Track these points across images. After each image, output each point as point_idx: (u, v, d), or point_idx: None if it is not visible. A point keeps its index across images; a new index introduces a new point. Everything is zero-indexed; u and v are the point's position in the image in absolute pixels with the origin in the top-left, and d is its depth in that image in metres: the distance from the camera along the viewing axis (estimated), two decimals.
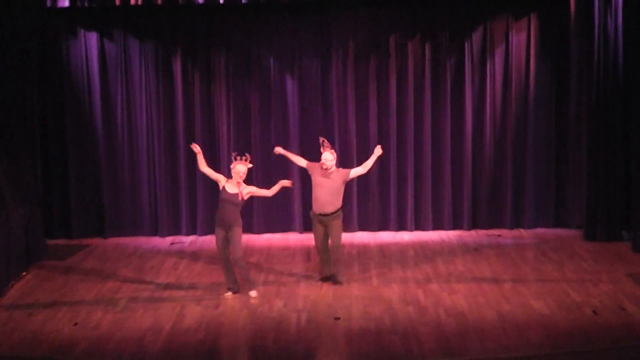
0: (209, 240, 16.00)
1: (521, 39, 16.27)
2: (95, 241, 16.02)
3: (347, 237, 15.98)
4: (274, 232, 16.55)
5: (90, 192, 16.31)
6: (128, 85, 16.26)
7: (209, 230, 16.33)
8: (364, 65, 16.37)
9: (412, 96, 16.31)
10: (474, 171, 16.50)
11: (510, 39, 16.24)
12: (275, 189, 12.80)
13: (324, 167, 12.85)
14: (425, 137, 16.39)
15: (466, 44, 16.26)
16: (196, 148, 12.56)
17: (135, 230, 16.33)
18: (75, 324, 11.36)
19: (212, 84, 16.34)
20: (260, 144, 16.41)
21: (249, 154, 16.22)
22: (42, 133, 15.91)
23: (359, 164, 16.11)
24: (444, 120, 16.36)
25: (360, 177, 16.15)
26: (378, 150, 13.19)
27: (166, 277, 13.61)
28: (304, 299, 12.31)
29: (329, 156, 12.85)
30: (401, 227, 16.59)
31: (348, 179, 13.06)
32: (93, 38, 16.13)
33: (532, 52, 16.24)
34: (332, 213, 12.90)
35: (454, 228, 16.52)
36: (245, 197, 12.53)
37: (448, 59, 16.28)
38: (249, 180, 13.32)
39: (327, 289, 12.78)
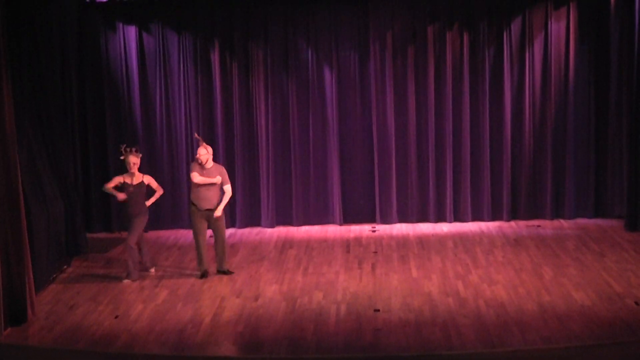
0: (247, 233, 16.11)
1: (560, 28, 16.14)
2: None
3: (386, 229, 16.03)
4: (313, 225, 16.56)
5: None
6: (167, 79, 16.35)
7: (248, 223, 16.46)
8: (402, 56, 16.33)
9: (450, 86, 16.26)
10: (514, 162, 16.41)
11: (549, 27, 16.13)
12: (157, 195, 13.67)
13: (199, 160, 13.14)
14: (464, 128, 16.32)
15: (505, 33, 16.17)
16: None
17: (175, 223, 16.42)
18: (116, 317, 11.47)
19: (250, 76, 16.37)
20: (298, 137, 16.42)
21: (288, 146, 16.39)
22: (81, 128, 16.07)
23: (398, 155, 16.22)
24: (483, 111, 16.30)
25: (399, 167, 16.24)
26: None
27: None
28: (344, 291, 12.32)
29: (202, 151, 13.16)
30: (440, 218, 16.55)
31: (224, 183, 13.28)
32: (132, 31, 16.23)
33: (572, 41, 16.11)
34: (217, 206, 13.22)
35: (494, 219, 16.44)
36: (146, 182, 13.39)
37: (487, 48, 16.21)
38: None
39: (366, 281, 12.79)
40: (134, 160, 13.23)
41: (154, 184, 13.51)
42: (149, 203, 13.47)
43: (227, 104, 16.41)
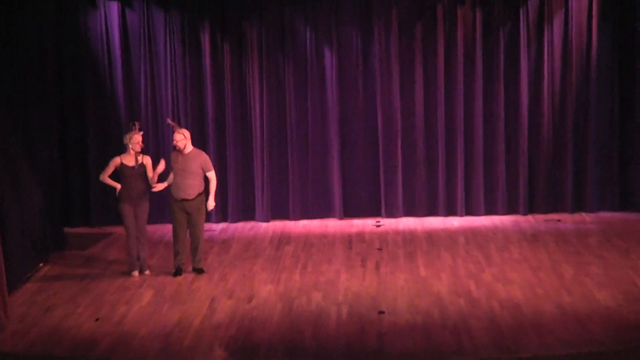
0: (240, 228, 16.13)
1: (582, 4, 16.10)
2: (118, 229, 15.97)
3: (391, 223, 15.99)
4: (312, 219, 16.56)
5: (112, 176, 16.32)
6: (152, 60, 16.32)
7: (241, 217, 16.47)
8: (408, 35, 16.28)
9: (461, 68, 16.23)
10: (531, 150, 16.39)
11: (569, 3, 16.09)
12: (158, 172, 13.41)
13: (177, 147, 13.08)
14: (477, 113, 16.29)
15: (521, 10, 16.14)
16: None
17: (162, 218, 16.34)
18: (97, 320, 11.40)
19: (243, 58, 16.35)
20: (295, 123, 16.38)
21: (284, 133, 16.34)
22: (60, 113, 16.00)
23: (404, 143, 16.16)
24: (497, 95, 16.26)
25: (406, 156, 16.18)
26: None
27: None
28: (345, 291, 12.27)
29: (179, 136, 13.07)
30: (450, 212, 16.53)
31: (206, 170, 13.22)
32: (114, 8, 16.19)
33: (594, 17, 16.07)
34: (196, 197, 13.16)
35: (509, 213, 16.44)
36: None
37: (501, 26, 16.18)
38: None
39: (370, 280, 12.74)
40: (139, 139, 13.14)
41: (149, 170, 13.31)
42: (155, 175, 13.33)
43: (218, 88, 16.39)
